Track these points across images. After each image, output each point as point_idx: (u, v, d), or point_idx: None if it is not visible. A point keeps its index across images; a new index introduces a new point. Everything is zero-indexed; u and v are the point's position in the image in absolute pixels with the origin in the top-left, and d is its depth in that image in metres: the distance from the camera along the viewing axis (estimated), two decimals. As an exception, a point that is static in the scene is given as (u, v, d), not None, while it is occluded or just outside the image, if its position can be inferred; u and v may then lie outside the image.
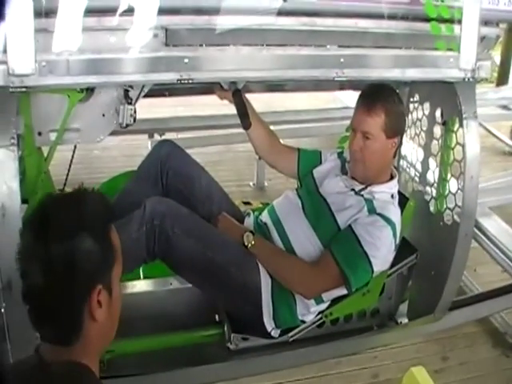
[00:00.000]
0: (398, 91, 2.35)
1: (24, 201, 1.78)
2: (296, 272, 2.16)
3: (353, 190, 2.24)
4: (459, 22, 2.07)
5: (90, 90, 1.90)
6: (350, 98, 4.45)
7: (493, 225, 3.35)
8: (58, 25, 1.66)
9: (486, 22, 2.25)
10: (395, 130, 2.17)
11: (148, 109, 2.94)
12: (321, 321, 2.31)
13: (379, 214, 2.14)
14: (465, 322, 2.97)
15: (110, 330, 1.26)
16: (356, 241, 2.10)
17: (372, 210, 2.17)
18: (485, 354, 3.10)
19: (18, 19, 1.56)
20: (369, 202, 2.18)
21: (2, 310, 1.77)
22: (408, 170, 2.79)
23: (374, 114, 2.12)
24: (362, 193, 2.22)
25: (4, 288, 1.70)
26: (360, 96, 2.21)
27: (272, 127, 2.55)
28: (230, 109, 2.41)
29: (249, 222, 2.40)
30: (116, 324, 1.28)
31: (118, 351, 2.16)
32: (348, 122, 2.29)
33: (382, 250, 2.12)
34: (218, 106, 2.94)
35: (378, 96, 2.16)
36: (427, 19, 2.12)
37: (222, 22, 1.86)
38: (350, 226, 2.14)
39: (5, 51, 1.59)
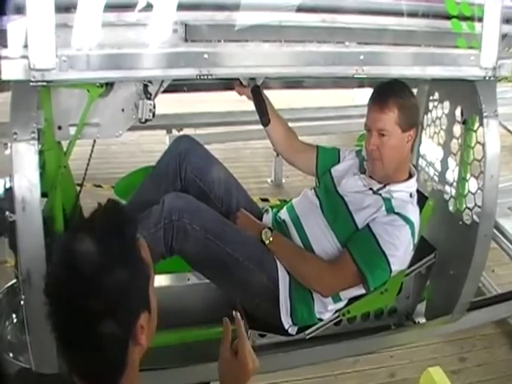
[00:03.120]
0: (416, 88, 2.33)
1: (44, 194, 1.80)
2: (313, 269, 2.16)
3: (371, 189, 2.23)
4: (480, 19, 2.05)
5: (109, 85, 1.91)
6: (369, 95, 4.44)
7: (512, 226, 3.32)
8: (78, 20, 1.68)
9: (507, 20, 2.23)
10: (410, 123, 2.16)
11: (167, 104, 2.94)
12: (338, 319, 2.30)
13: (397, 213, 2.13)
14: (483, 324, 2.95)
15: (150, 341, 1.18)
16: (374, 240, 2.09)
17: (390, 209, 2.15)
18: (503, 356, 3.09)
19: (39, 14, 1.57)
20: (387, 201, 2.17)
21: (22, 302, 1.78)
22: (427, 168, 2.77)
23: (387, 109, 2.12)
24: (380, 192, 2.21)
25: (24, 280, 1.72)
26: (371, 95, 2.22)
27: (290, 124, 2.54)
28: (248, 105, 2.42)
29: (267, 218, 2.39)
30: (155, 330, 1.21)
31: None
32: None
33: (400, 250, 2.11)
34: (237, 103, 2.94)
35: (390, 92, 2.15)
36: (448, 17, 2.11)
37: (242, 18, 1.86)
38: (368, 225, 2.13)
39: (26, 46, 1.60)
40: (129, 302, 1.08)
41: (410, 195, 2.22)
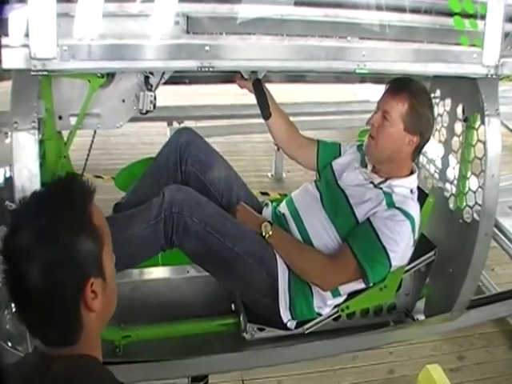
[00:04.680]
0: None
1: (44, 184, 1.80)
2: (313, 263, 2.16)
3: (372, 182, 2.23)
4: (483, 17, 2.04)
5: (110, 76, 1.91)
6: (371, 91, 4.43)
7: (513, 225, 3.31)
8: (79, 10, 1.68)
9: (510, 19, 2.21)
10: (415, 127, 2.14)
11: (168, 96, 2.94)
12: (337, 314, 2.30)
13: (398, 208, 2.13)
14: (482, 322, 2.95)
15: (109, 309, 1.24)
16: (375, 235, 2.09)
17: (391, 204, 2.15)
18: (501, 356, 3.09)
19: (40, 3, 1.57)
20: (388, 195, 2.17)
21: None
22: (428, 166, 2.77)
23: (398, 98, 2.12)
24: (381, 186, 2.20)
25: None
26: (394, 79, 2.22)
27: (291, 118, 2.54)
28: (249, 98, 2.41)
29: (267, 212, 2.39)
30: (115, 298, 1.25)
31: (134, 337, 2.20)
32: (368, 116, 2.27)
33: (400, 245, 2.10)
34: (238, 96, 2.94)
35: (409, 87, 2.15)
36: (451, 14, 2.10)
37: (244, 11, 1.86)
38: (368, 219, 2.13)
39: (27, 35, 1.60)
40: (74, 263, 1.12)
41: (411, 191, 2.22)
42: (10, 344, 2.10)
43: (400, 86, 2.16)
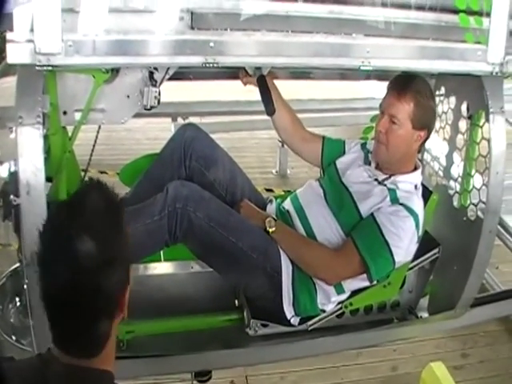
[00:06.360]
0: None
1: (48, 179, 1.81)
2: (317, 257, 2.17)
3: (376, 179, 2.23)
4: (488, 14, 2.04)
5: (115, 71, 1.91)
6: (376, 88, 4.42)
7: (517, 223, 3.31)
8: (84, 5, 1.68)
9: (516, 16, 2.21)
10: (422, 123, 2.15)
11: (173, 92, 2.94)
12: (341, 311, 2.30)
13: (402, 204, 2.13)
14: (486, 320, 2.94)
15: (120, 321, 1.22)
16: (378, 230, 2.09)
17: (395, 200, 2.16)
18: (505, 354, 3.10)
19: (45, -2, 1.58)
20: (392, 191, 2.17)
21: (25, 286, 1.79)
22: (432, 163, 2.77)
23: (403, 100, 2.11)
24: (385, 182, 2.21)
25: (27, 264, 1.73)
26: (394, 79, 2.21)
27: (296, 115, 2.53)
28: (254, 95, 2.41)
29: (271, 208, 2.40)
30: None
31: (137, 332, 2.19)
32: (373, 113, 2.27)
33: (404, 241, 2.11)
34: (243, 92, 2.94)
35: (411, 84, 2.14)
36: (456, 11, 2.09)
37: (249, 7, 1.86)
38: (372, 214, 2.14)
39: (32, 30, 1.61)
40: (120, 274, 1.13)
41: (415, 187, 2.22)
42: (14, 338, 2.11)
43: (402, 85, 2.15)
